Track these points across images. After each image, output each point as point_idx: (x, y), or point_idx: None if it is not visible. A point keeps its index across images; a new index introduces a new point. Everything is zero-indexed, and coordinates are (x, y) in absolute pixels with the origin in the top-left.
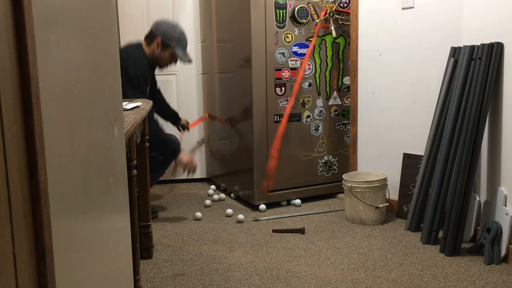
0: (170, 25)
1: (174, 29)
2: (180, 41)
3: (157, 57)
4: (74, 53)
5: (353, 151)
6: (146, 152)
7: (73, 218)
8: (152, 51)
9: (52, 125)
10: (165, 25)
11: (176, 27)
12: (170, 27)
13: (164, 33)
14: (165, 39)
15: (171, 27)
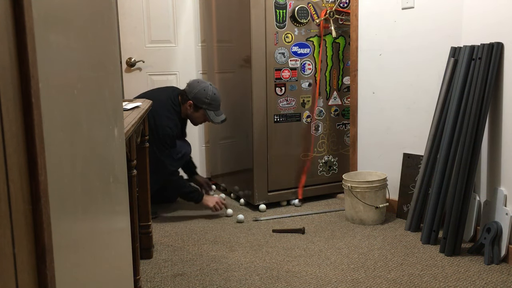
0: (201, 89)
1: (205, 92)
2: (212, 104)
3: (190, 116)
4: (74, 53)
5: (353, 151)
6: (146, 152)
7: (73, 218)
8: (185, 109)
9: (52, 125)
10: (197, 88)
11: (207, 90)
12: (201, 91)
13: (195, 97)
14: (196, 103)
15: (203, 91)
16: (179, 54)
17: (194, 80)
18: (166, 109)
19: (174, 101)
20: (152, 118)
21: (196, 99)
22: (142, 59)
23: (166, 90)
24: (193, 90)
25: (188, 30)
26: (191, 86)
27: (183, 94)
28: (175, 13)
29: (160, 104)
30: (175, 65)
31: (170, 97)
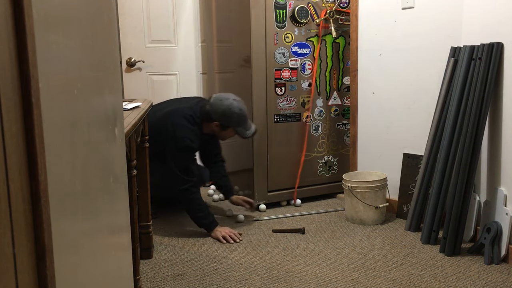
0: (226, 108)
1: (231, 111)
2: (240, 121)
3: (218, 134)
4: (74, 53)
5: (353, 151)
6: (146, 152)
7: (73, 218)
8: (211, 130)
9: (52, 125)
10: (221, 108)
11: (232, 107)
12: (227, 110)
13: (221, 117)
14: (223, 123)
15: (228, 110)
16: (179, 54)
17: (215, 98)
18: (187, 120)
19: (196, 114)
20: (172, 127)
21: (222, 120)
22: (142, 59)
23: (190, 101)
24: (217, 110)
25: (188, 30)
26: (214, 106)
27: (206, 115)
28: (175, 13)
29: (181, 114)
30: (175, 65)
31: (192, 108)
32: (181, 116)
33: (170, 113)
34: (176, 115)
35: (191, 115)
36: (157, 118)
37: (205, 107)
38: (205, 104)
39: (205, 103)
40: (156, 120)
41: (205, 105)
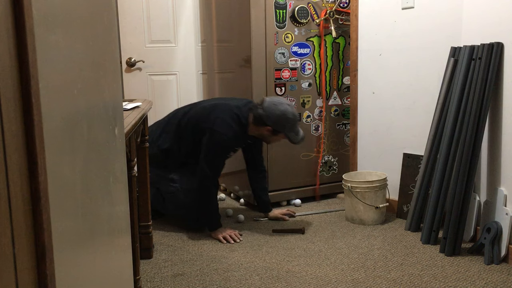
0: (281, 113)
1: (285, 117)
2: (293, 127)
3: (266, 138)
4: (74, 53)
5: (353, 151)
6: (146, 152)
7: (73, 218)
8: (259, 134)
9: (52, 125)
10: (275, 113)
11: (287, 113)
12: (281, 116)
13: (275, 123)
14: (276, 128)
15: (283, 116)
16: (179, 54)
17: (269, 102)
18: (231, 118)
19: (242, 114)
20: (213, 120)
21: (276, 125)
22: (142, 59)
23: (239, 101)
24: (271, 115)
25: (188, 30)
26: (268, 111)
27: (258, 117)
28: (175, 13)
29: (226, 110)
30: (175, 65)
31: (240, 108)
32: (226, 113)
33: (215, 106)
34: (220, 110)
35: (237, 114)
36: (200, 108)
37: (256, 110)
38: (256, 107)
39: (256, 106)
40: (198, 110)
41: (257, 108)
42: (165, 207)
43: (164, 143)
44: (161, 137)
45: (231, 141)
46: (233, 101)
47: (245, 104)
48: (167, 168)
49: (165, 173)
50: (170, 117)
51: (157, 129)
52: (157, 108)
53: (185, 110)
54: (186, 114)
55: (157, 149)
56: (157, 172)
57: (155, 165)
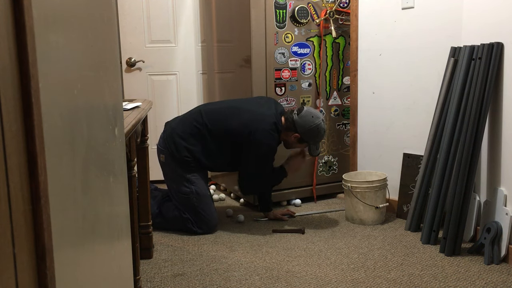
0: (315, 126)
1: (318, 131)
2: (318, 141)
3: (289, 144)
4: (74, 53)
5: (353, 151)
6: (146, 152)
7: (73, 218)
8: (288, 137)
9: (52, 125)
10: (309, 124)
11: (320, 128)
12: (314, 129)
13: (306, 133)
14: (305, 138)
15: (316, 129)
16: (179, 54)
17: (307, 111)
18: (270, 127)
19: (279, 122)
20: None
21: (306, 135)
22: (142, 59)
23: (269, 106)
24: (305, 125)
25: (188, 30)
26: (303, 119)
27: (291, 122)
28: (175, 13)
29: (267, 122)
30: (175, 65)
31: (276, 115)
32: (266, 125)
33: (253, 120)
34: (260, 122)
35: (275, 123)
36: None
37: (291, 115)
38: (292, 113)
39: (291, 111)
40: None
41: (292, 114)
42: (168, 207)
43: (192, 146)
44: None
45: (275, 148)
46: (267, 109)
47: (276, 108)
48: (188, 168)
49: (184, 172)
50: (198, 120)
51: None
52: (157, 108)
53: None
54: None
55: (187, 151)
56: (175, 169)
57: (177, 162)
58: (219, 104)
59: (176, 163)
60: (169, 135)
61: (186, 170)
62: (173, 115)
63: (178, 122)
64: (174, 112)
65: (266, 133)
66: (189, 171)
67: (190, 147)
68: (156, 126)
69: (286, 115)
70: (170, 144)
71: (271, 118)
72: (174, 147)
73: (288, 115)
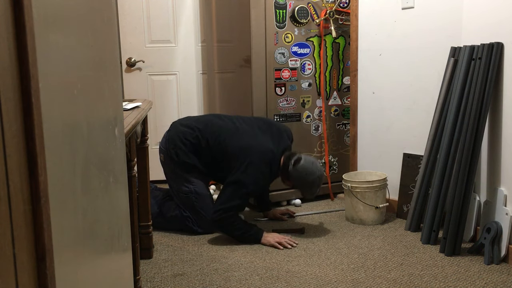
0: (311, 182)
1: (310, 185)
2: (311, 193)
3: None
4: (74, 53)
5: (353, 151)
6: (146, 152)
7: (73, 218)
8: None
9: (52, 125)
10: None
11: (315, 183)
12: (308, 184)
13: (298, 186)
14: (298, 187)
15: (309, 184)
16: (179, 54)
17: (303, 167)
18: (264, 164)
19: (277, 160)
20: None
21: (299, 187)
22: (142, 59)
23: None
24: (299, 179)
25: (188, 30)
26: (298, 174)
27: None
28: (175, 13)
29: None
30: (175, 65)
31: (276, 153)
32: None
33: (251, 148)
34: (257, 154)
35: (272, 159)
36: (237, 147)
37: (288, 163)
38: (289, 158)
39: (290, 157)
40: (235, 148)
41: (289, 161)
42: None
43: (191, 153)
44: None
45: (256, 190)
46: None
47: (280, 143)
48: (187, 169)
49: (183, 172)
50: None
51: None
52: (157, 108)
53: (218, 135)
54: (218, 142)
55: (186, 157)
56: (174, 170)
57: (176, 164)
58: (228, 121)
59: (175, 164)
60: (171, 137)
61: (185, 171)
62: (173, 115)
63: (184, 125)
64: (174, 112)
65: (257, 170)
66: (188, 172)
67: (189, 154)
68: (156, 126)
69: (285, 158)
70: (170, 146)
71: (268, 155)
72: (174, 152)
73: (286, 158)
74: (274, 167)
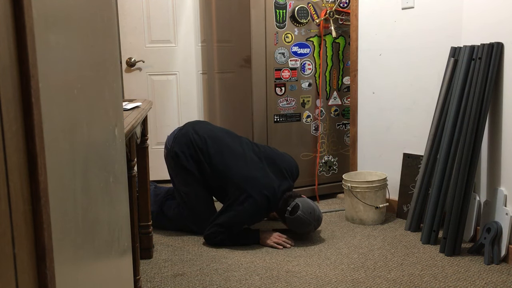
0: (304, 230)
1: (307, 230)
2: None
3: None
4: (74, 53)
5: (353, 151)
6: (146, 152)
7: (73, 218)
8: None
9: (52, 125)
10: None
11: (310, 229)
12: (303, 229)
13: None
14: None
15: (305, 229)
16: (179, 54)
17: (298, 218)
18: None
19: (274, 200)
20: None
21: (294, 230)
22: (142, 59)
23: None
24: (295, 225)
25: (188, 30)
26: (295, 222)
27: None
28: (175, 13)
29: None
30: (175, 65)
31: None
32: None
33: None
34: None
35: (273, 197)
36: (238, 175)
37: (285, 208)
38: (287, 204)
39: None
40: (234, 174)
41: (286, 210)
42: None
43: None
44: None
45: (249, 223)
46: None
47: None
48: (186, 171)
49: (183, 173)
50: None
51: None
52: (157, 108)
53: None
54: (221, 161)
55: (185, 161)
56: (175, 169)
57: (176, 164)
58: (237, 142)
59: (175, 164)
60: (179, 138)
61: (184, 173)
62: (173, 115)
63: (195, 132)
64: (174, 112)
65: (255, 205)
66: (187, 173)
67: (190, 161)
68: (156, 126)
69: (283, 202)
70: (176, 146)
71: (270, 191)
72: (175, 153)
73: (284, 202)
74: (273, 205)
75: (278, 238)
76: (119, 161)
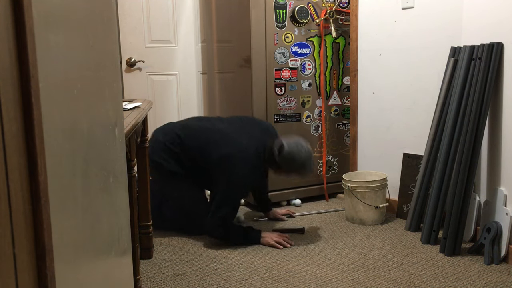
0: (299, 165)
1: (303, 167)
2: (307, 171)
3: (276, 173)
4: (74, 53)
5: (353, 151)
6: (146, 152)
7: (73, 218)
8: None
9: (52, 125)
10: (294, 166)
11: (305, 165)
12: (300, 168)
13: (291, 171)
14: (293, 174)
15: (301, 167)
16: (179, 54)
17: (287, 153)
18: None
19: (259, 155)
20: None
21: (293, 171)
22: (142, 59)
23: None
24: (289, 167)
25: (188, 30)
26: (286, 162)
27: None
28: (175, 13)
29: (243, 151)
30: (175, 65)
31: (257, 148)
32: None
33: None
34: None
35: (254, 156)
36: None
37: (273, 155)
38: (273, 150)
39: (272, 149)
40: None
41: (274, 154)
42: (167, 206)
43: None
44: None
45: (245, 194)
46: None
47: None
48: (175, 176)
49: (172, 180)
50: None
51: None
52: (157, 108)
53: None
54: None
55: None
56: (163, 178)
57: (164, 173)
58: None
59: (161, 174)
60: (152, 149)
61: (171, 178)
62: (173, 115)
63: (165, 133)
64: (174, 112)
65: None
66: (173, 177)
67: (171, 162)
68: (156, 126)
69: (268, 150)
70: (153, 159)
71: (249, 153)
72: (156, 164)
73: (269, 150)
74: (259, 162)
75: (279, 237)
76: (119, 161)
